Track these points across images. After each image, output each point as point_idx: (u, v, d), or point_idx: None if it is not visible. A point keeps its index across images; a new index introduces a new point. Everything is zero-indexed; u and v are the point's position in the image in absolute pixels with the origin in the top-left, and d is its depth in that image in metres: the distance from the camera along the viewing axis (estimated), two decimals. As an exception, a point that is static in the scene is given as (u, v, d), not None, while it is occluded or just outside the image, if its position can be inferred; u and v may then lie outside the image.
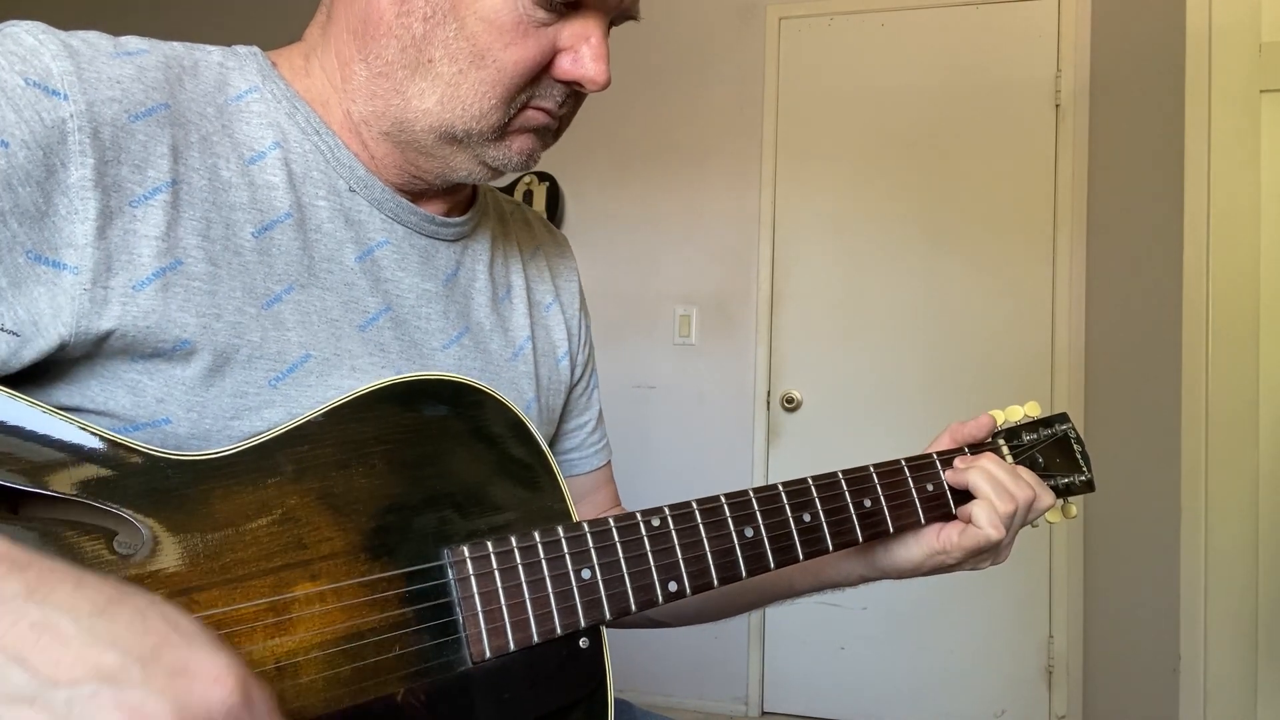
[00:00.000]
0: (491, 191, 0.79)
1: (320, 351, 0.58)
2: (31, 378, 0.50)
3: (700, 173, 3.02)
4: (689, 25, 3.04)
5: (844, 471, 0.72)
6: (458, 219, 0.69)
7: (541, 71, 0.59)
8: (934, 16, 2.83)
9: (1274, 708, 2.43)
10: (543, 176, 3.11)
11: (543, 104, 0.61)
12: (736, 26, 3.00)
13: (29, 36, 0.49)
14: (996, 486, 0.75)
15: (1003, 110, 2.77)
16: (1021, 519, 0.77)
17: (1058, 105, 2.72)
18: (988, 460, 0.77)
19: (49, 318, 0.48)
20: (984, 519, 0.74)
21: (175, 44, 0.58)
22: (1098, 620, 2.63)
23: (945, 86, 2.82)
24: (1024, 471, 0.78)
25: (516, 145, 0.62)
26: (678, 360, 3.01)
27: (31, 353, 0.48)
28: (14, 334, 0.48)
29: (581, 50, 0.59)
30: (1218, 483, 2.48)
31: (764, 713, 2.88)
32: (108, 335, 0.50)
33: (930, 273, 2.81)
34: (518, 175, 3.04)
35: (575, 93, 0.62)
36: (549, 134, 0.64)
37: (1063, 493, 0.84)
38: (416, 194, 0.66)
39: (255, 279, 0.55)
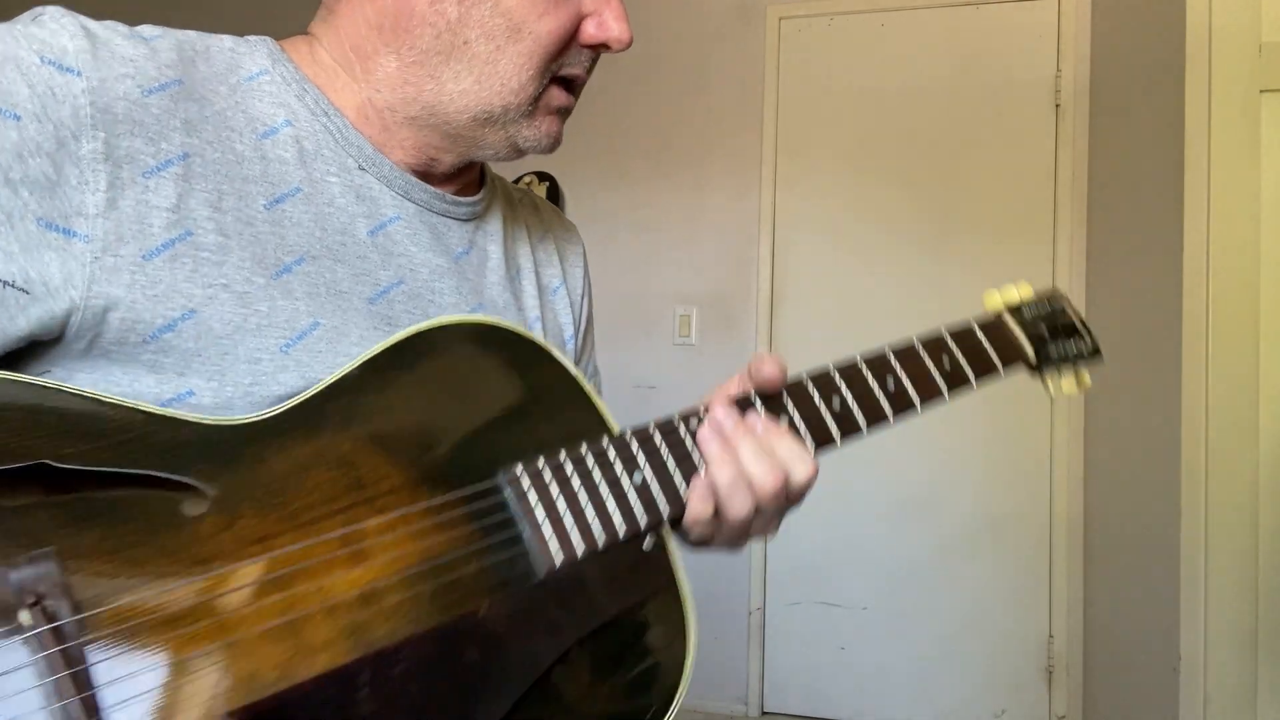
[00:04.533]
0: (499, 178, 0.80)
1: (329, 320, 0.59)
2: (55, 375, 0.52)
3: (700, 173, 3.02)
4: (689, 25, 3.04)
5: (861, 354, 0.76)
6: (469, 198, 0.70)
7: (569, 39, 0.63)
8: (934, 16, 2.83)
9: (1274, 708, 2.43)
10: (543, 176, 3.11)
11: (572, 70, 0.64)
12: (736, 26, 3.01)
13: (51, 20, 0.52)
14: (733, 465, 0.62)
15: (1003, 110, 2.77)
16: (772, 503, 0.63)
17: (1058, 105, 2.72)
18: (749, 427, 0.64)
19: (60, 281, 0.49)
20: (696, 492, 0.62)
21: (188, 31, 0.60)
22: (1098, 620, 2.63)
23: (945, 86, 2.82)
24: (782, 444, 0.64)
25: (545, 126, 0.65)
26: (678, 360, 3.01)
27: (40, 312, 0.49)
28: (23, 290, 0.49)
29: (605, 14, 0.63)
30: (1218, 483, 2.48)
31: (764, 713, 2.88)
32: (116, 304, 0.51)
33: (930, 272, 2.81)
34: (517, 175, 3.04)
35: (593, 60, 0.66)
36: (566, 115, 0.67)
37: (1073, 361, 0.88)
38: (424, 174, 0.67)
39: (266, 249, 0.56)
